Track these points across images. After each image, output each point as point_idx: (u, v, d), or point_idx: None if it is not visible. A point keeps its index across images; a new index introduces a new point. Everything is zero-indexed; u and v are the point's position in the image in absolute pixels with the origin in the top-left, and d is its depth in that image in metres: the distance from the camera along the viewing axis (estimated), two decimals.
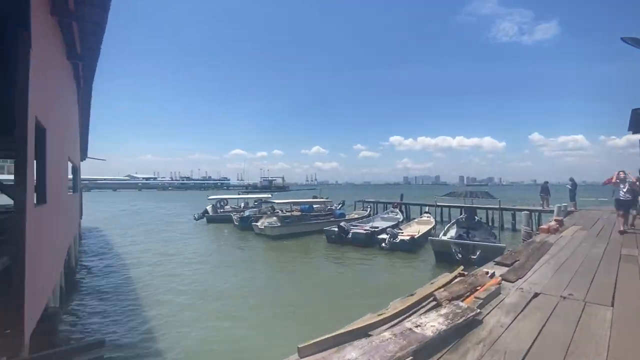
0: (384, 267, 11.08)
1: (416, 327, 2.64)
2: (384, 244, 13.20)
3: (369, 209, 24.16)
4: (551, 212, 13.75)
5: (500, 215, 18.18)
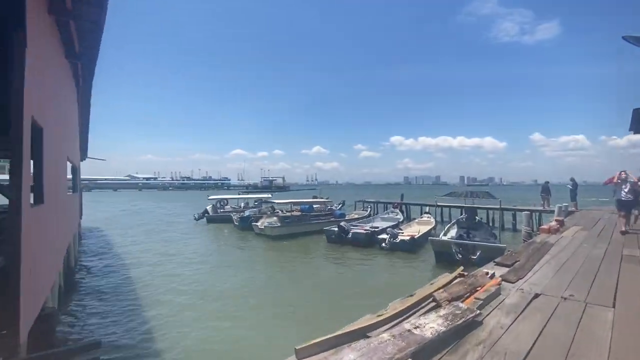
0: (384, 267, 11.06)
1: (415, 328, 2.62)
2: (384, 244, 13.18)
3: (369, 209, 24.16)
4: (552, 212, 13.70)
5: (500, 215, 18.12)
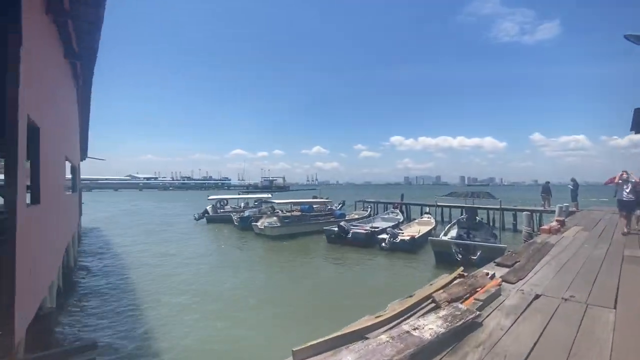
0: (383, 268, 11.04)
1: (414, 329, 2.59)
2: (384, 244, 13.16)
3: (369, 209, 24.13)
4: (552, 213, 13.65)
5: (501, 215, 18.10)
